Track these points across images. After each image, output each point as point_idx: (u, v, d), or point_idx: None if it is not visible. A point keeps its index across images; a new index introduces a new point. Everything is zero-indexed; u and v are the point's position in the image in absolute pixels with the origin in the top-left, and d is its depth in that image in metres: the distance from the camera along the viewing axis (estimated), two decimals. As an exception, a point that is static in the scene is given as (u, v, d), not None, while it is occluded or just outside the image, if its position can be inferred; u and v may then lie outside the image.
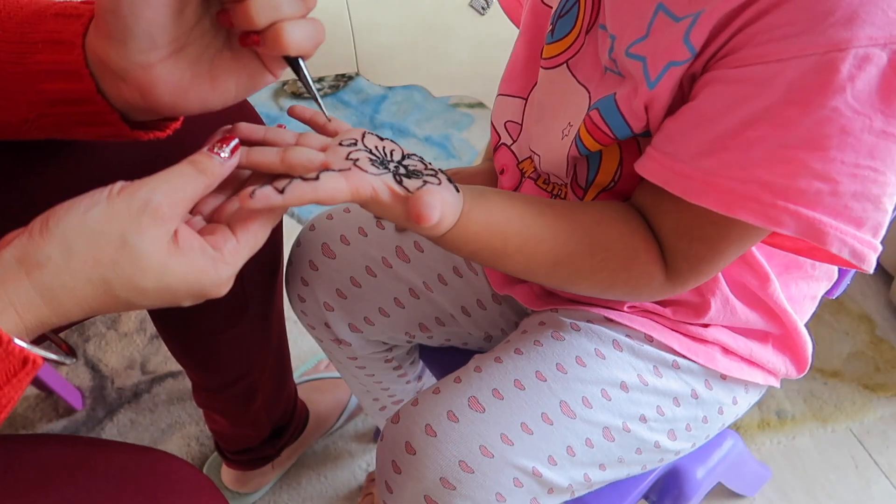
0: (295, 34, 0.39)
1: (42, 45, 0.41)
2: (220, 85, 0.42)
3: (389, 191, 0.43)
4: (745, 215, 0.43)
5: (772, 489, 1.05)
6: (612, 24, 0.51)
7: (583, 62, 0.56)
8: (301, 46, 0.40)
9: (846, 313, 1.29)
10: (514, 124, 0.65)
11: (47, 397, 1.12)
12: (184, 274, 0.37)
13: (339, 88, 1.79)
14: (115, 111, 0.42)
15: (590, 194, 0.57)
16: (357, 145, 0.46)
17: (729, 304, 0.58)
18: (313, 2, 0.40)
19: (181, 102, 0.41)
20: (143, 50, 0.38)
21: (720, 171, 0.43)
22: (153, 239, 0.36)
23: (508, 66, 0.65)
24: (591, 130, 0.52)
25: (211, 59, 0.41)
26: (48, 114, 0.43)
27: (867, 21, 0.39)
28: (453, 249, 0.48)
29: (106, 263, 0.35)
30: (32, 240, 0.35)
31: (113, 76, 0.40)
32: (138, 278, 0.36)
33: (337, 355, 0.78)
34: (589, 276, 0.51)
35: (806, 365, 0.64)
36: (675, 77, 0.46)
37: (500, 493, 0.53)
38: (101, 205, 0.36)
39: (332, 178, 0.41)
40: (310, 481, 1.04)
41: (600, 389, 0.57)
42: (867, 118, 0.40)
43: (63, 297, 0.35)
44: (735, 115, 0.43)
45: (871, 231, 0.43)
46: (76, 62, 0.40)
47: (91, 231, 0.35)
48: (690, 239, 0.49)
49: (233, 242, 0.40)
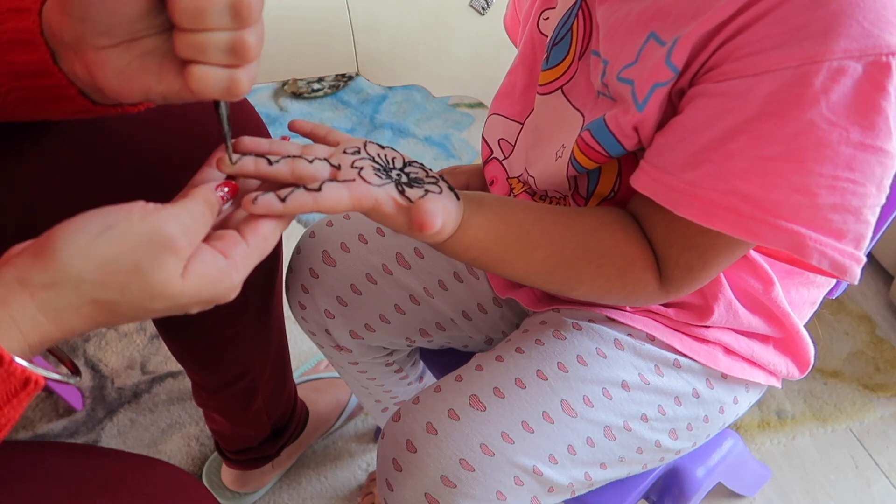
0: (202, 79, 0.38)
1: (6, 14, 0.40)
2: (165, 81, 0.41)
3: (392, 201, 0.43)
4: (725, 226, 0.43)
5: (772, 489, 1.05)
6: (606, 49, 0.52)
7: (577, 87, 0.57)
8: (202, 91, 0.38)
9: (846, 313, 1.29)
10: (506, 143, 0.66)
11: (47, 397, 1.12)
12: (196, 291, 0.37)
13: (339, 88, 1.79)
14: (73, 86, 0.41)
15: (591, 203, 0.58)
16: (360, 153, 0.46)
17: (732, 308, 0.58)
18: (247, 55, 0.38)
19: (125, 88, 0.40)
20: (98, 33, 0.38)
21: (703, 183, 0.44)
22: (169, 271, 0.36)
23: (504, 88, 0.67)
24: (585, 150, 0.53)
25: (163, 55, 0.40)
26: (16, 88, 0.42)
27: (842, 34, 0.39)
28: (453, 255, 0.49)
29: (115, 287, 0.35)
30: (37, 261, 0.34)
31: (66, 49, 0.40)
32: (148, 302, 0.36)
33: (337, 360, 0.78)
34: (586, 282, 0.52)
35: (808, 366, 0.64)
36: (661, 96, 0.47)
37: (500, 491, 0.53)
38: (119, 229, 0.35)
39: (335, 189, 0.41)
40: (310, 481, 1.04)
41: (601, 388, 0.57)
42: (844, 130, 0.40)
43: (68, 315, 0.35)
44: (717, 128, 0.43)
45: (853, 243, 0.44)
46: (32, 31, 0.40)
47: (103, 256, 0.35)
48: (681, 248, 0.49)
49: (243, 246, 0.39)
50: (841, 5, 0.39)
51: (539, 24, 0.63)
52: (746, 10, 0.41)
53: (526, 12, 0.68)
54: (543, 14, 0.63)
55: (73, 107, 0.43)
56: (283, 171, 0.42)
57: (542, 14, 0.63)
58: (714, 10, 0.43)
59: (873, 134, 0.41)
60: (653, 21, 0.48)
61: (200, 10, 0.36)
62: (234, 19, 0.36)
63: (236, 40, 0.37)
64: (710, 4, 0.43)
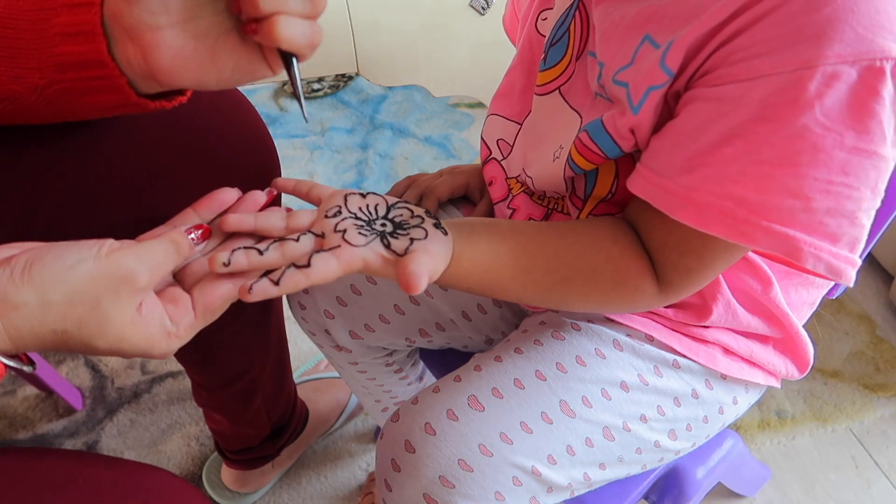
0: (289, 29, 0.40)
1: (61, 9, 0.42)
2: (219, 64, 0.43)
3: (379, 258, 0.44)
4: (719, 230, 0.44)
5: (772, 489, 1.05)
6: (602, 51, 0.52)
7: (574, 88, 0.57)
8: (293, 42, 0.41)
9: (846, 313, 1.29)
10: (505, 144, 0.67)
11: (47, 397, 1.12)
12: (137, 342, 0.40)
13: (339, 88, 1.79)
14: (124, 76, 0.43)
15: (588, 205, 0.58)
16: (342, 212, 0.47)
17: (731, 308, 0.58)
18: (322, 4, 0.41)
19: (178, 71, 0.42)
20: (155, 12, 0.40)
21: (698, 187, 0.44)
22: (123, 308, 0.38)
23: (502, 88, 0.67)
24: (582, 152, 0.53)
25: (217, 36, 0.42)
26: (59, 80, 0.43)
27: (836, 39, 0.39)
28: (449, 287, 0.50)
29: (73, 319, 0.37)
30: (13, 281, 0.36)
31: (123, 35, 0.41)
32: (96, 339, 0.38)
33: (337, 360, 0.78)
34: (582, 297, 0.52)
35: (807, 366, 0.64)
36: (657, 100, 0.47)
37: (499, 491, 0.53)
38: (88, 263, 0.37)
39: (323, 262, 0.43)
40: (310, 481, 1.04)
41: (600, 389, 0.57)
42: (838, 135, 0.40)
43: (27, 337, 0.36)
44: (712, 132, 0.43)
45: (848, 246, 0.44)
46: (93, 22, 0.41)
47: (71, 287, 0.37)
48: (679, 252, 0.49)
49: (190, 318, 0.42)
50: (835, 10, 0.39)
51: (537, 24, 0.63)
52: (741, 14, 0.42)
53: (524, 12, 0.68)
54: (541, 14, 0.63)
55: (115, 99, 0.45)
56: (276, 258, 0.43)
57: (540, 14, 0.63)
58: (709, 14, 0.43)
59: (868, 138, 0.41)
60: (648, 24, 0.48)
61: None
62: None
63: None
64: (705, 8, 0.43)
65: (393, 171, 1.58)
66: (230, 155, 0.58)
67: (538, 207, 0.64)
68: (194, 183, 0.48)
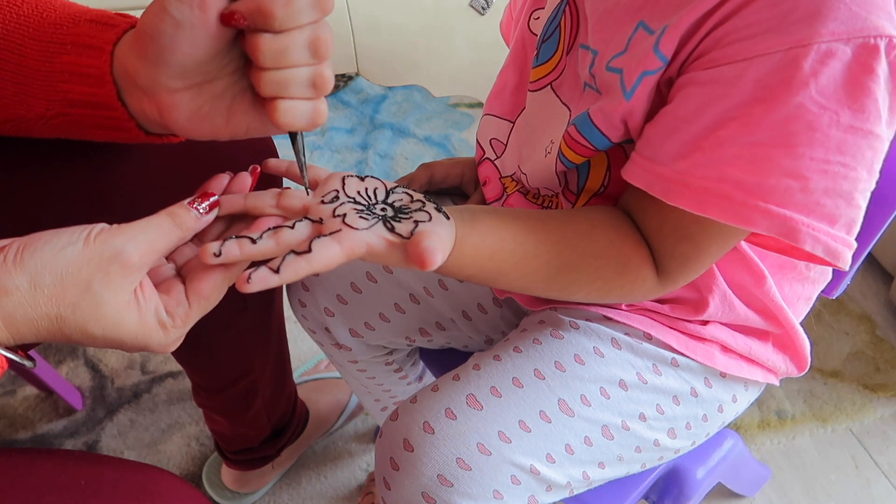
0: (289, 114, 0.40)
1: (71, 47, 0.42)
2: (234, 122, 0.43)
3: (383, 241, 0.42)
4: (717, 214, 0.43)
5: (772, 489, 1.04)
6: (595, 40, 0.52)
7: (565, 82, 0.57)
8: (292, 126, 0.41)
9: (846, 313, 1.29)
10: (498, 143, 0.66)
11: (47, 397, 1.12)
12: (134, 330, 0.39)
13: (339, 88, 1.79)
14: (133, 119, 0.43)
15: (581, 199, 0.58)
16: (339, 197, 0.45)
17: (727, 300, 0.58)
18: (326, 88, 0.40)
19: (194, 128, 0.43)
20: (172, 77, 0.39)
21: (694, 171, 0.44)
22: (116, 289, 0.38)
23: (495, 88, 0.67)
24: (572, 145, 0.53)
25: (233, 97, 0.42)
26: (66, 113, 0.44)
27: (829, 17, 0.39)
28: (450, 275, 0.48)
29: (66, 304, 0.37)
30: (5, 266, 0.36)
31: (136, 89, 0.41)
32: (91, 326, 0.38)
33: (337, 358, 0.78)
34: (584, 286, 0.52)
35: (806, 364, 0.64)
36: (650, 86, 0.47)
37: (497, 490, 0.53)
38: (77, 245, 0.37)
39: (325, 247, 0.40)
40: (310, 481, 1.04)
41: (599, 387, 0.57)
42: (834, 113, 0.40)
43: (21, 323, 0.36)
44: (707, 116, 0.43)
45: (845, 228, 0.44)
46: (101, 68, 0.41)
47: (61, 270, 0.36)
48: (675, 239, 0.49)
49: (184, 307, 0.41)
50: None
51: (529, 23, 0.63)
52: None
53: (517, 13, 0.68)
54: (534, 14, 0.63)
55: (123, 137, 0.45)
56: (270, 247, 0.41)
57: (532, 14, 0.63)
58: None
59: (863, 117, 0.41)
60: (642, 10, 0.48)
61: (283, 50, 0.38)
62: (313, 55, 0.39)
63: (316, 74, 0.39)
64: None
65: (393, 171, 1.59)
66: (231, 155, 0.58)
67: (532, 206, 0.64)
68: (195, 184, 0.48)
